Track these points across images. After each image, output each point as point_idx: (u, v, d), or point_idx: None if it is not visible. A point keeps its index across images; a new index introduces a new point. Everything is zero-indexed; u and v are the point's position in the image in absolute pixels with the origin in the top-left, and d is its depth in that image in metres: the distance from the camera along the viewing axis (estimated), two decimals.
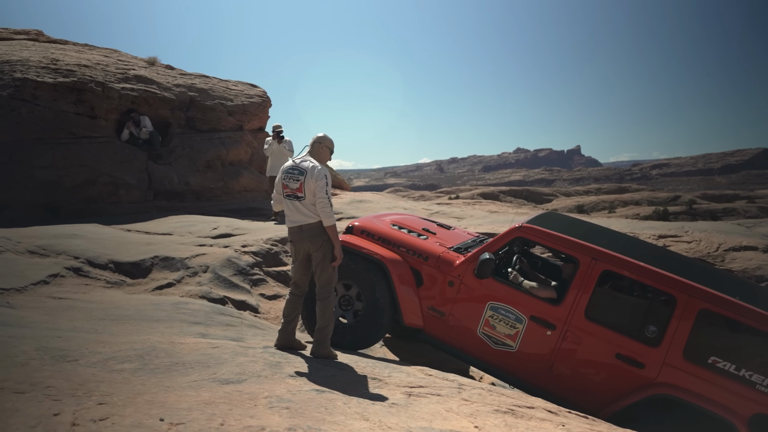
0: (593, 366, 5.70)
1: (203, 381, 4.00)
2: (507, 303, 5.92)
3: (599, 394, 5.65)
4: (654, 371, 5.47)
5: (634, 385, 5.52)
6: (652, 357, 5.50)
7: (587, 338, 5.68)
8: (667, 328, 5.51)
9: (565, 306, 5.77)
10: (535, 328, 5.81)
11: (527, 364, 5.86)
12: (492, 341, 5.95)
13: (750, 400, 5.24)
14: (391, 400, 4.22)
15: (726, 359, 5.36)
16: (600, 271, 5.73)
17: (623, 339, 5.60)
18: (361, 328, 6.16)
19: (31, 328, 5.04)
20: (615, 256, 5.75)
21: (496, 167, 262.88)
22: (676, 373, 5.43)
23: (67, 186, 12.43)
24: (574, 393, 5.73)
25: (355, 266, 6.22)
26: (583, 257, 5.80)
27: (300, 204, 5.18)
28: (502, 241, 6.15)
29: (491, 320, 5.94)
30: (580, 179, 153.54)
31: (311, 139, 5.54)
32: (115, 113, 13.87)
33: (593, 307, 5.73)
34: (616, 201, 53.73)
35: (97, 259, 8.39)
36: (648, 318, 5.65)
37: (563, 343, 5.73)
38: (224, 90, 16.68)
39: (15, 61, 13.36)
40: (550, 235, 5.98)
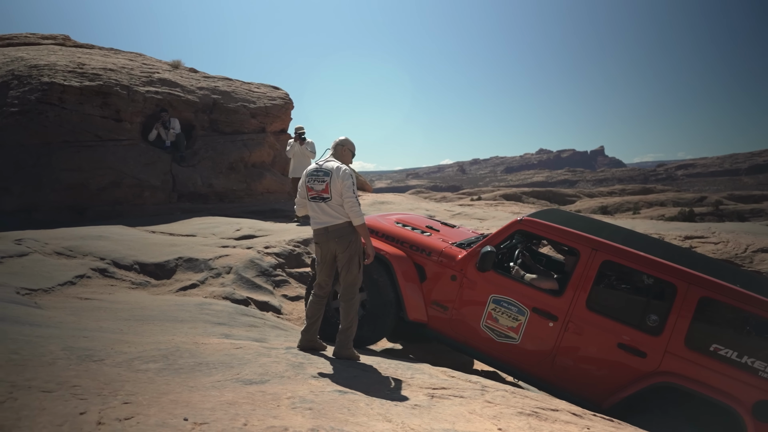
0: (595, 356, 5.70)
1: (226, 381, 4.02)
2: (509, 296, 5.93)
3: (602, 385, 5.65)
4: (656, 360, 5.46)
5: (636, 374, 5.51)
6: (654, 346, 5.48)
7: (589, 329, 5.68)
8: (668, 317, 5.49)
9: (567, 297, 5.78)
10: (538, 320, 5.81)
11: (530, 356, 5.86)
12: (495, 334, 5.96)
13: (753, 386, 5.22)
14: (414, 401, 4.20)
15: (728, 346, 5.33)
16: (600, 261, 5.74)
17: (625, 329, 5.59)
18: (366, 324, 6.16)
19: (58, 328, 5.11)
20: (615, 246, 5.75)
21: (518, 168, 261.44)
22: (678, 361, 5.41)
23: (93, 188, 12.61)
24: (578, 384, 5.74)
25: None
26: (583, 248, 5.82)
27: (326, 205, 5.17)
28: (504, 234, 6.17)
29: (494, 313, 5.95)
30: (603, 180, 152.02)
31: (333, 142, 5.55)
32: (140, 116, 14.03)
33: (594, 297, 5.75)
34: (641, 202, 53.11)
35: (122, 261, 8.49)
36: (649, 307, 5.64)
37: (565, 334, 5.73)
38: (247, 92, 16.79)
39: (42, 65, 13.59)
40: (551, 227, 6.02)
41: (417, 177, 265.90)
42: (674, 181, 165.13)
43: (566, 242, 5.98)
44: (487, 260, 5.83)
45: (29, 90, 12.73)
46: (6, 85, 13.00)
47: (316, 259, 5.39)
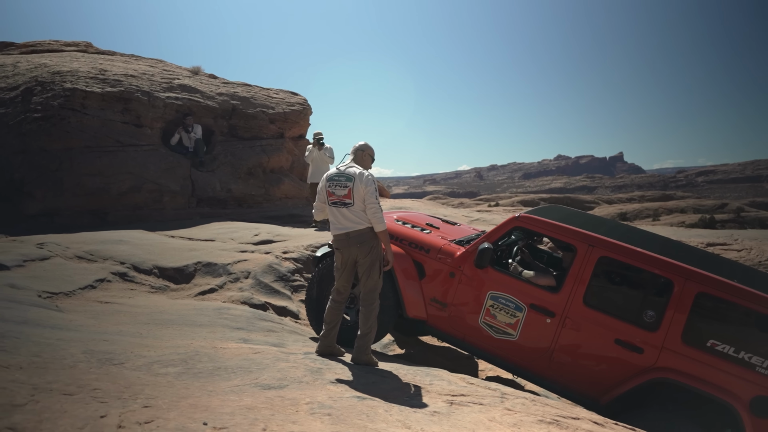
0: (593, 352, 5.70)
1: (245, 386, 4.02)
2: (507, 292, 5.94)
3: (600, 381, 5.64)
4: (653, 356, 5.45)
5: (633, 370, 5.50)
6: (651, 342, 5.47)
7: (586, 325, 5.68)
8: (665, 313, 5.48)
9: (564, 293, 5.78)
10: (535, 316, 5.82)
11: (528, 353, 5.87)
12: (493, 330, 5.97)
13: (750, 382, 5.19)
14: (433, 408, 4.17)
15: (725, 342, 5.31)
16: (597, 257, 5.73)
17: (622, 324, 5.58)
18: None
19: (79, 331, 5.15)
20: (611, 242, 5.75)
21: (536, 174, 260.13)
22: (675, 357, 5.40)
23: (114, 193, 12.73)
24: (575, 380, 5.75)
25: None
26: (580, 244, 5.82)
27: (348, 210, 5.15)
28: (501, 230, 6.19)
29: (492, 309, 5.97)
30: (622, 186, 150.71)
31: (352, 147, 5.54)
32: (161, 122, 14.16)
33: (591, 293, 5.74)
34: (661, 209, 52.57)
35: (142, 265, 8.55)
36: (646, 303, 5.63)
37: (563, 330, 5.73)
38: (266, 98, 16.88)
39: (65, 72, 13.77)
40: (547, 223, 6.02)
41: (434, 183, 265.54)
42: (695, 188, 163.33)
43: (563, 238, 5.98)
44: (485, 257, 5.85)
45: (52, 96, 12.90)
46: (30, 91, 13.19)
47: (335, 264, 5.35)
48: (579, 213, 7.09)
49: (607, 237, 5.83)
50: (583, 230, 5.89)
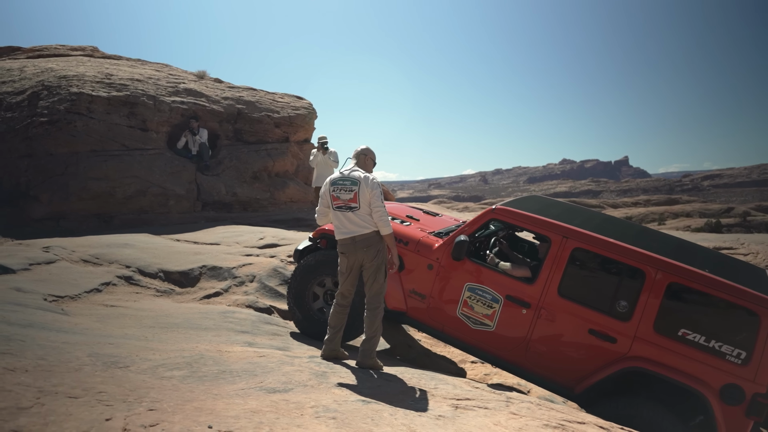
0: (567, 342, 5.79)
1: (250, 389, 4.02)
2: (483, 283, 6.04)
3: (574, 370, 5.74)
4: (626, 345, 5.55)
5: (606, 359, 5.59)
6: (624, 331, 5.57)
7: (561, 315, 5.78)
8: (637, 303, 5.57)
9: (539, 284, 5.87)
10: (511, 307, 5.92)
11: (505, 343, 5.96)
12: (471, 321, 6.07)
13: (721, 370, 5.29)
14: (438, 412, 4.15)
15: (696, 331, 5.41)
16: (571, 248, 5.83)
17: (595, 315, 5.68)
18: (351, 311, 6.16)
19: (84, 334, 5.16)
20: (584, 233, 5.83)
21: (541, 178, 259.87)
22: (647, 346, 5.49)
23: (120, 197, 12.76)
24: (551, 369, 5.85)
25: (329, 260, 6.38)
26: (554, 236, 5.91)
27: (353, 214, 5.14)
28: (478, 223, 6.28)
29: (469, 301, 6.06)
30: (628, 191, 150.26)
31: (354, 151, 5.53)
32: (166, 126, 14.20)
33: (566, 284, 5.82)
34: (666, 213, 52.41)
35: (147, 268, 8.57)
36: (619, 293, 5.70)
37: (538, 320, 5.83)
38: (271, 102, 16.92)
39: (71, 76, 13.83)
40: (522, 215, 6.11)
41: (439, 187, 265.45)
42: (700, 192, 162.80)
43: (537, 230, 6.06)
44: (461, 249, 5.93)
45: (58, 100, 12.96)
46: (36, 95, 13.25)
47: (339, 268, 5.34)
48: (557, 203, 7.18)
49: (582, 228, 5.92)
50: (557, 222, 5.97)
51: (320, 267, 6.54)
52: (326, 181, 5.36)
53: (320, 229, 6.78)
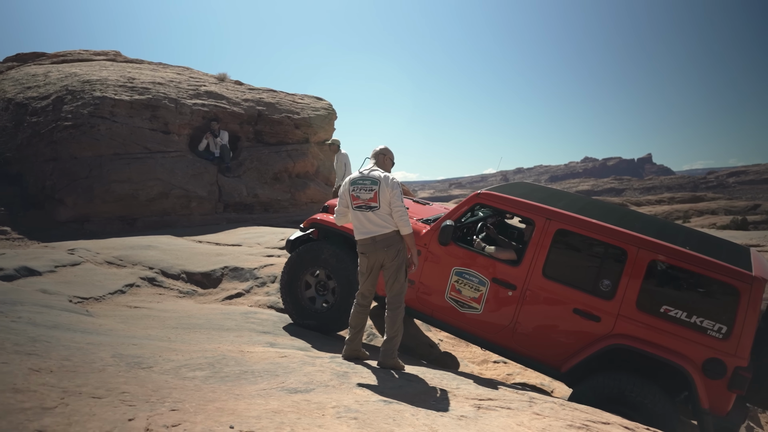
0: (553, 322, 5.89)
1: (272, 390, 4.02)
2: (470, 267, 6.16)
3: (560, 349, 5.85)
4: (609, 323, 5.66)
5: (591, 337, 5.70)
6: (607, 310, 5.68)
7: (546, 296, 5.90)
8: (620, 281, 5.69)
9: (524, 266, 5.98)
10: (498, 290, 6.03)
11: (492, 325, 6.07)
12: (459, 305, 6.18)
13: (702, 345, 5.40)
14: (460, 412, 4.12)
15: (678, 307, 5.54)
16: (554, 230, 5.95)
17: (579, 294, 5.79)
18: (339, 306, 6.53)
19: (108, 335, 5.22)
20: (567, 215, 5.97)
21: (563, 177, 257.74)
22: (630, 323, 5.61)
23: (142, 199, 12.89)
24: (537, 350, 5.96)
25: (322, 252, 6.61)
26: (537, 218, 6.04)
27: (373, 214, 5.12)
28: (463, 207, 6.44)
29: (457, 285, 6.18)
30: (651, 188, 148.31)
31: (373, 151, 5.50)
32: (188, 128, 14.31)
33: (550, 265, 5.94)
34: (691, 210, 51.66)
35: (170, 270, 8.64)
36: (602, 273, 5.83)
37: (524, 302, 5.94)
38: (291, 103, 16.97)
39: (95, 80, 14.00)
40: (506, 199, 6.26)
41: (460, 186, 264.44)
42: (726, 189, 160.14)
43: (522, 213, 6.22)
44: (446, 233, 6.01)
45: (82, 104, 13.12)
46: (60, 100, 13.43)
47: (359, 269, 5.31)
48: (541, 188, 7.35)
49: (566, 210, 6.03)
50: (541, 204, 6.11)
51: (313, 258, 6.68)
52: (345, 181, 5.34)
53: (311, 219, 6.96)
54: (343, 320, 6.29)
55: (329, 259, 6.59)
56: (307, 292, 6.76)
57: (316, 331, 6.67)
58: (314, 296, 6.76)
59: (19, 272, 7.65)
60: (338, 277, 6.55)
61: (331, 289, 6.69)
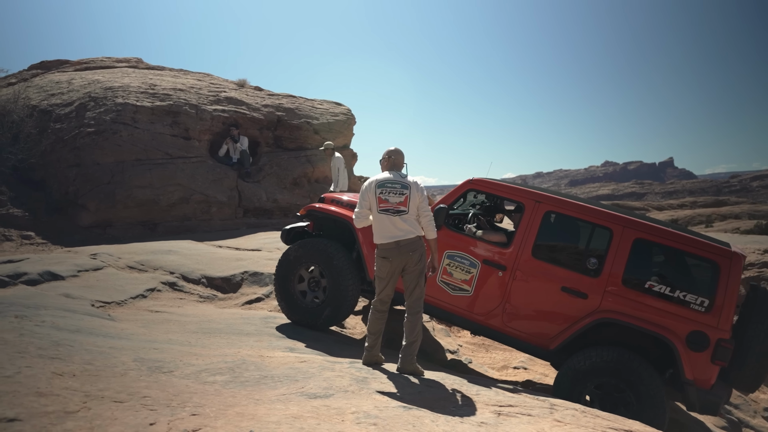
0: (542, 301, 6.08)
1: (291, 395, 4.03)
2: (461, 250, 6.36)
3: (549, 327, 6.04)
4: (596, 300, 5.86)
5: (579, 314, 5.89)
6: (594, 287, 5.89)
7: (535, 275, 6.10)
8: (606, 259, 5.92)
9: (514, 248, 6.21)
10: (488, 271, 6.23)
11: (483, 306, 6.24)
12: (450, 288, 6.36)
13: (686, 319, 5.60)
14: (480, 418, 4.10)
15: (662, 283, 5.77)
16: (543, 212, 6.20)
17: (567, 273, 6.02)
18: (331, 299, 6.64)
19: (130, 339, 5.26)
20: (555, 197, 6.27)
21: (583, 181, 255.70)
22: (616, 299, 5.81)
23: (164, 204, 13.00)
24: (527, 329, 6.13)
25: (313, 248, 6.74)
26: (527, 201, 6.30)
27: (400, 218, 5.09)
28: (456, 193, 6.62)
29: (448, 268, 6.36)
30: (673, 192, 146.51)
31: (388, 152, 5.42)
32: (208, 134, 14.43)
33: (539, 246, 6.17)
34: (714, 215, 50.92)
35: (190, 274, 8.70)
36: (589, 251, 6.11)
37: (513, 282, 6.13)
38: (310, 109, 17.05)
39: (117, 87, 14.18)
40: (498, 184, 6.57)
41: None
42: (749, 193, 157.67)
43: (512, 197, 6.50)
44: (440, 216, 6.02)
45: (104, 111, 13.29)
46: (84, 106, 13.61)
47: (379, 274, 5.25)
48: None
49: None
50: (529, 188, 6.43)
51: (314, 255, 6.76)
52: (370, 182, 5.25)
53: (309, 207, 7.15)
54: (334, 315, 6.68)
55: (320, 255, 6.70)
56: (299, 285, 6.88)
57: (307, 327, 6.78)
58: (305, 290, 6.88)
59: (42, 277, 7.75)
60: (329, 271, 6.64)
61: (322, 287, 6.78)
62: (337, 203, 7.03)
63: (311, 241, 6.86)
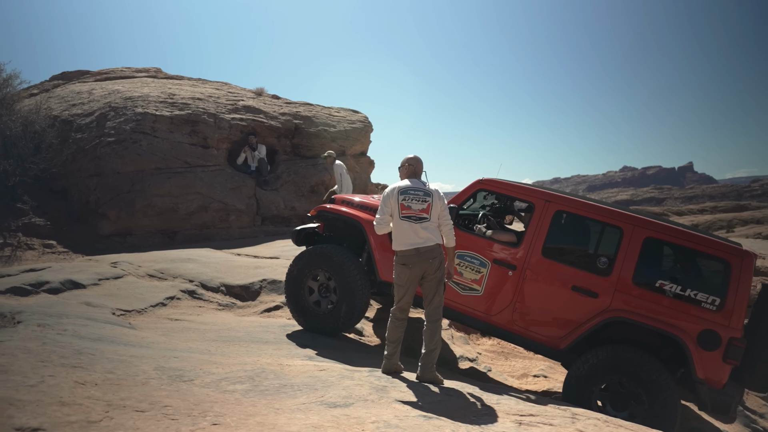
0: (552, 300, 6.06)
1: (311, 404, 4.02)
2: (472, 250, 6.36)
3: (559, 326, 6.02)
4: (607, 299, 5.84)
5: (589, 313, 5.86)
6: (605, 286, 5.88)
7: (545, 275, 6.09)
8: (616, 258, 5.91)
9: (524, 247, 6.21)
10: (498, 270, 6.23)
11: (493, 306, 6.24)
12: (460, 288, 6.37)
13: (697, 317, 5.57)
14: (501, 428, 4.06)
15: (672, 282, 5.75)
16: (553, 211, 6.20)
17: (578, 272, 6.01)
18: (342, 304, 6.65)
19: (150, 348, 5.29)
20: (565, 197, 6.29)
21: (601, 187, 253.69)
22: (627, 298, 5.79)
23: (183, 212, 13.10)
24: (537, 328, 6.11)
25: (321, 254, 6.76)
26: (537, 200, 6.31)
27: (420, 226, 5.11)
28: (467, 193, 6.64)
29: (459, 268, 6.35)
30: (693, 197, 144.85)
31: (408, 160, 5.42)
32: (226, 143, 14.52)
33: (549, 245, 6.17)
34: (735, 220, 50.27)
35: (209, 282, 8.75)
36: (599, 250, 6.10)
37: (524, 281, 6.13)
38: (327, 117, 17.11)
39: (137, 96, 14.34)
40: (508, 184, 6.58)
41: None
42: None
43: (522, 196, 6.53)
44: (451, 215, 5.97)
45: (124, 120, 13.44)
46: (104, 116, 13.77)
47: (398, 281, 5.25)
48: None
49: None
50: (539, 188, 6.43)
51: (314, 261, 6.80)
52: (393, 189, 5.26)
53: (319, 207, 7.16)
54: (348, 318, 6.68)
55: (323, 261, 6.74)
56: (311, 297, 6.90)
57: (322, 334, 6.80)
58: (318, 300, 6.90)
59: (64, 285, 7.83)
60: (337, 277, 6.66)
61: (332, 288, 6.81)
62: (348, 204, 7.07)
63: (309, 251, 6.92)
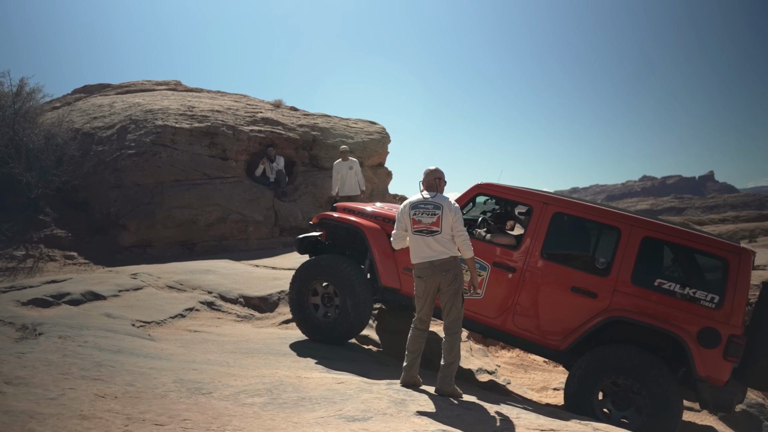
0: (552, 301, 6.09)
1: (329, 417, 4.00)
2: None
3: (559, 327, 6.04)
4: (606, 299, 5.87)
5: (589, 313, 5.89)
6: (604, 286, 5.91)
7: (544, 276, 6.13)
8: (615, 258, 5.94)
9: (523, 249, 6.27)
10: (498, 273, 6.27)
11: (493, 309, 6.27)
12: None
13: (696, 315, 5.59)
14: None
15: (671, 280, 5.79)
16: (551, 213, 6.24)
17: (576, 273, 6.06)
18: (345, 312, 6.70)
19: (170, 360, 5.31)
20: (563, 199, 6.36)
21: (620, 196, 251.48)
22: (626, 298, 5.82)
23: (202, 224, 13.19)
24: (537, 330, 6.13)
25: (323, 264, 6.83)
26: (535, 203, 6.37)
27: (433, 239, 5.11)
28: (466, 197, 6.69)
29: None
30: (714, 207, 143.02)
31: (424, 173, 5.44)
32: (245, 154, 14.62)
33: (548, 247, 6.20)
34: (758, 229, 49.51)
35: (228, 294, 8.78)
36: (597, 251, 6.16)
37: (523, 283, 6.17)
38: (345, 128, 17.16)
39: (157, 109, 14.50)
40: (506, 188, 6.63)
41: None
42: None
43: (520, 199, 6.59)
44: None
45: (144, 133, 13.59)
46: (125, 129, 13.95)
47: (416, 293, 5.29)
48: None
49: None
50: (537, 191, 6.48)
51: (316, 271, 6.88)
52: (405, 204, 5.32)
53: (322, 215, 7.23)
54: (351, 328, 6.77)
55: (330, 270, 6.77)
56: (314, 304, 6.94)
57: (326, 343, 6.84)
58: (319, 305, 6.95)
59: (85, 296, 7.90)
60: (340, 286, 6.71)
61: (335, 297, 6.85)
62: (349, 211, 7.13)
63: (310, 262, 6.97)
